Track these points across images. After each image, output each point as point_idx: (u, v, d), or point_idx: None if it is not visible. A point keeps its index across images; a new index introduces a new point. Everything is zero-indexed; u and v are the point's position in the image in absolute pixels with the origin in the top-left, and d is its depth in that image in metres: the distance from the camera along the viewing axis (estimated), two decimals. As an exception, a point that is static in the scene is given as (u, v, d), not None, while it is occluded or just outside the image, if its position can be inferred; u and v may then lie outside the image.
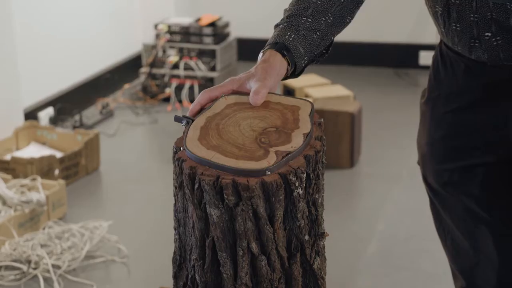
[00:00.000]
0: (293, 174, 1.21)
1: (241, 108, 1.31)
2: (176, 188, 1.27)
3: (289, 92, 4.06)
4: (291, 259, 1.28)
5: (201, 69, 4.61)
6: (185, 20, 4.75)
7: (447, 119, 1.57)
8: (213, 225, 1.23)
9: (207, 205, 1.22)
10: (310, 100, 3.78)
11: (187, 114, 1.33)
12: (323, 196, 1.33)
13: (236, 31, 4.98)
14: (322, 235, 1.33)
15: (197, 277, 1.29)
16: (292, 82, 4.07)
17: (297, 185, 1.23)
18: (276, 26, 1.46)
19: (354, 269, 2.88)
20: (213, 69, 4.63)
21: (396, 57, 5.27)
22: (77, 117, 4.23)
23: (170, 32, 4.67)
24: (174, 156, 1.26)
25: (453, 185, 1.59)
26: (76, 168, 3.58)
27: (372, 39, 5.29)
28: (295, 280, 1.29)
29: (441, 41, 1.61)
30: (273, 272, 1.26)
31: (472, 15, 1.43)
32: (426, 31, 5.05)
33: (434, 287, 2.76)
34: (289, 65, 1.41)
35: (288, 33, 1.42)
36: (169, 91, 4.63)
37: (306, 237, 1.28)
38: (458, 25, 1.47)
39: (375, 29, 5.28)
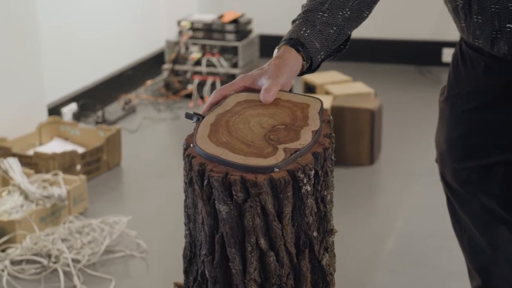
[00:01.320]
0: (301, 171, 1.22)
1: (251, 105, 1.32)
2: (186, 184, 1.29)
3: (310, 89, 4.07)
4: (300, 255, 1.29)
5: (223, 65, 4.62)
6: (208, 17, 4.77)
7: (466, 118, 1.58)
8: (222, 221, 1.25)
9: (216, 201, 1.24)
10: (329, 96, 3.77)
11: (201, 113, 1.35)
12: (332, 193, 1.34)
13: (259, 28, 4.99)
14: (331, 231, 1.34)
15: (206, 272, 1.30)
16: (313, 79, 4.07)
17: (305, 182, 1.24)
18: (293, 21, 1.47)
19: (372, 266, 2.89)
20: (235, 65, 4.64)
21: (419, 54, 5.25)
22: (100, 113, 4.27)
23: (193, 29, 4.70)
24: (184, 153, 1.28)
25: (471, 184, 1.59)
26: (97, 163, 3.62)
27: (394, 36, 5.28)
28: (304, 276, 1.30)
29: (461, 38, 1.60)
30: (282, 268, 1.28)
31: (493, 6, 1.43)
32: (450, 28, 5.01)
33: (451, 285, 2.75)
34: (304, 60, 1.41)
35: (304, 29, 1.42)
36: (191, 87, 4.66)
37: (315, 234, 1.29)
38: (480, 17, 1.46)
39: (398, 26, 5.26)
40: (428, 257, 2.94)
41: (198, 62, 4.67)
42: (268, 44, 5.19)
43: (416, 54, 5.25)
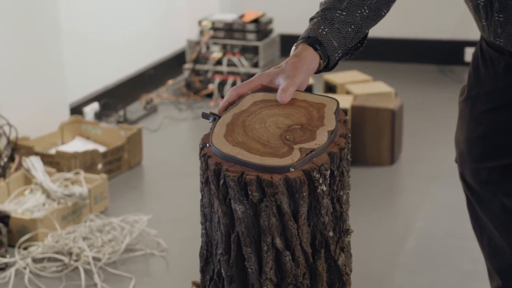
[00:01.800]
0: (316, 171, 1.23)
1: (267, 105, 1.33)
2: (202, 184, 1.30)
3: (330, 88, 4.06)
4: (316, 255, 1.29)
5: (244, 65, 4.63)
6: (229, 16, 4.78)
7: (486, 118, 1.57)
8: (238, 221, 1.25)
9: (232, 201, 1.24)
10: (349, 96, 3.76)
11: (217, 111, 1.35)
12: (348, 193, 1.34)
13: (280, 28, 4.99)
14: (347, 231, 1.34)
15: (222, 271, 1.31)
16: (333, 78, 4.06)
17: (320, 182, 1.24)
18: (311, 19, 1.47)
19: (392, 266, 2.88)
20: (255, 65, 4.65)
21: (441, 53, 5.23)
22: (121, 112, 4.29)
23: (214, 28, 4.71)
24: (200, 152, 1.28)
25: (491, 184, 1.58)
26: (118, 162, 3.64)
27: (416, 35, 5.25)
28: (320, 276, 1.30)
29: (481, 38, 1.60)
30: (298, 268, 1.28)
31: None
32: (472, 27, 4.95)
33: (471, 286, 2.74)
34: (321, 59, 1.41)
35: (322, 27, 1.42)
36: (212, 87, 4.67)
37: (331, 234, 1.30)
38: (501, 15, 1.45)
39: (420, 25, 5.24)
40: (448, 257, 2.93)
41: (219, 62, 4.68)
42: (289, 43, 5.16)
43: (438, 53, 5.23)
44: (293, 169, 1.21)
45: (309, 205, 1.25)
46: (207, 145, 1.27)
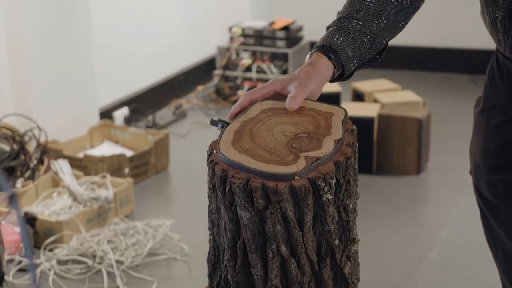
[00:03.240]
0: (321, 179, 1.24)
1: (276, 113, 1.34)
2: (209, 190, 1.32)
3: (358, 96, 4.06)
4: (321, 263, 1.30)
5: (273, 72, 4.65)
6: (259, 23, 4.80)
7: (502, 129, 1.56)
8: (244, 227, 1.27)
9: (237, 207, 1.26)
10: (376, 104, 3.75)
11: (228, 115, 1.37)
12: (355, 202, 1.34)
13: (309, 35, 5.00)
14: (353, 240, 1.34)
15: (229, 277, 1.32)
16: (362, 87, 4.06)
17: (326, 190, 1.25)
18: (328, 28, 1.47)
19: (413, 276, 2.87)
20: (285, 72, 4.66)
21: (474, 63, 5.18)
22: (150, 117, 4.34)
23: (244, 35, 4.74)
24: (208, 159, 1.30)
25: (507, 196, 1.57)
26: (145, 167, 3.68)
27: (448, 44, 5.22)
28: (325, 284, 1.31)
29: (497, 49, 1.59)
30: (303, 275, 1.29)
31: None
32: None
33: (493, 298, 2.71)
34: (335, 67, 1.42)
35: (337, 36, 1.43)
36: (241, 93, 4.69)
37: (336, 242, 1.30)
38: None
39: (452, 34, 5.20)
40: (471, 269, 2.91)
41: (248, 68, 4.70)
42: (319, 51, 5.20)
43: (471, 63, 5.19)
44: (298, 177, 1.22)
45: (315, 213, 1.26)
46: (215, 151, 1.29)
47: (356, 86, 4.09)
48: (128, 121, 4.27)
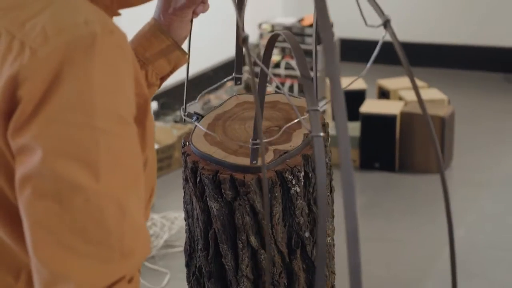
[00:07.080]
0: (289, 172, 1.26)
1: (251, 107, 1.37)
2: (183, 181, 1.35)
3: (383, 93, 4.05)
4: (292, 254, 1.32)
5: (302, 68, 4.65)
6: (289, 20, 4.82)
7: None
8: (214, 218, 1.30)
9: (207, 198, 1.29)
10: (399, 102, 3.72)
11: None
12: (329, 195, 1.36)
13: (340, 32, 5.00)
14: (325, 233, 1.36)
15: (202, 266, 1.36)
16: (387, 84, 4.04)
17: (294, 183, 1.27)
18: None
19: (426, 273, 2.86)
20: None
21: (507, 61, 5.12)
22: (178, 112, 4.39)
23: (273, 31, 4.75)
24: (181, 150, 1.34)
25: None
26: (169, 160, 3.73)
27: (481, 42, 5.16)
28: (296, 275, 1.33)
29: None
30: (274, 267, 1.31)
31: None
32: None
33: (505, 298, 2.69)
34: None
35: None
36: (270, 89, 4.70)
37: (307, 234, 1.32)
38: None
39: (485, 32, 5.14)
40: (485, 268, 2.88)
41: (277, 65, 4.72)
42: (349, 47, 5.19)
43: (505, 61, 5.12)
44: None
45: (284, 206, 1.28)
46: (187, 143, 1.32)
47: (382, 83, 4.07)
48: (157, 115, 4.33)
